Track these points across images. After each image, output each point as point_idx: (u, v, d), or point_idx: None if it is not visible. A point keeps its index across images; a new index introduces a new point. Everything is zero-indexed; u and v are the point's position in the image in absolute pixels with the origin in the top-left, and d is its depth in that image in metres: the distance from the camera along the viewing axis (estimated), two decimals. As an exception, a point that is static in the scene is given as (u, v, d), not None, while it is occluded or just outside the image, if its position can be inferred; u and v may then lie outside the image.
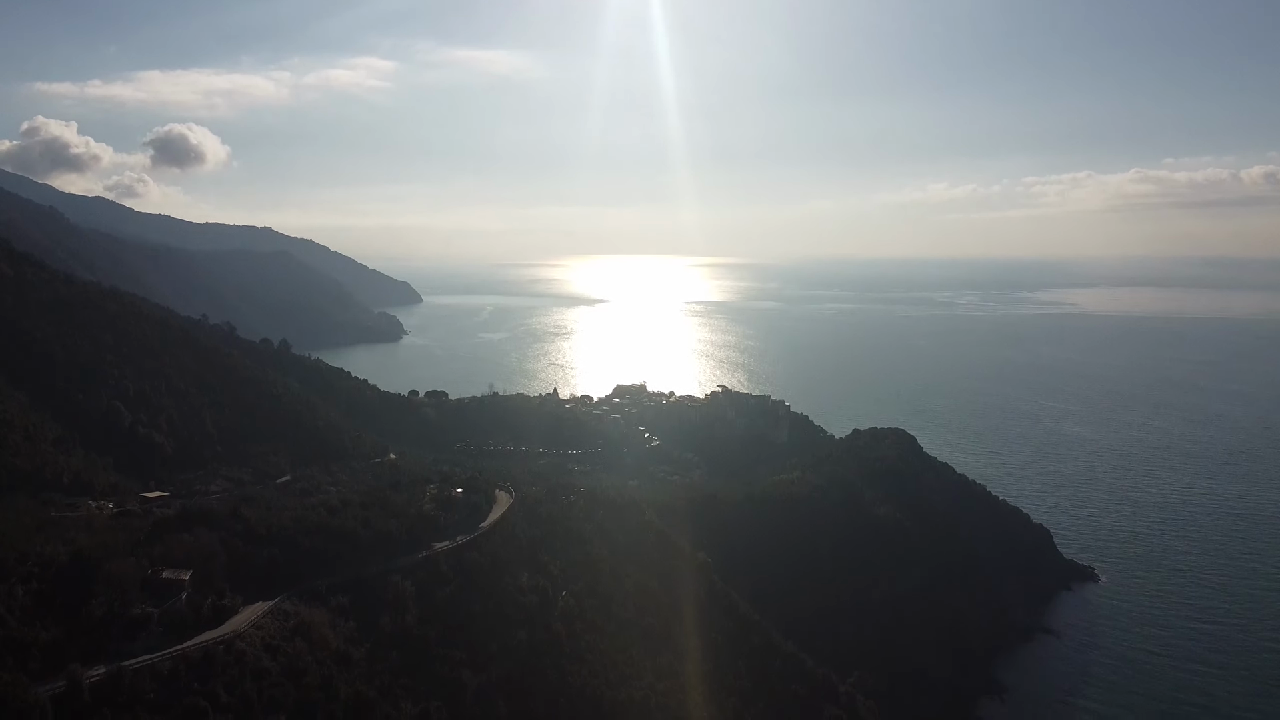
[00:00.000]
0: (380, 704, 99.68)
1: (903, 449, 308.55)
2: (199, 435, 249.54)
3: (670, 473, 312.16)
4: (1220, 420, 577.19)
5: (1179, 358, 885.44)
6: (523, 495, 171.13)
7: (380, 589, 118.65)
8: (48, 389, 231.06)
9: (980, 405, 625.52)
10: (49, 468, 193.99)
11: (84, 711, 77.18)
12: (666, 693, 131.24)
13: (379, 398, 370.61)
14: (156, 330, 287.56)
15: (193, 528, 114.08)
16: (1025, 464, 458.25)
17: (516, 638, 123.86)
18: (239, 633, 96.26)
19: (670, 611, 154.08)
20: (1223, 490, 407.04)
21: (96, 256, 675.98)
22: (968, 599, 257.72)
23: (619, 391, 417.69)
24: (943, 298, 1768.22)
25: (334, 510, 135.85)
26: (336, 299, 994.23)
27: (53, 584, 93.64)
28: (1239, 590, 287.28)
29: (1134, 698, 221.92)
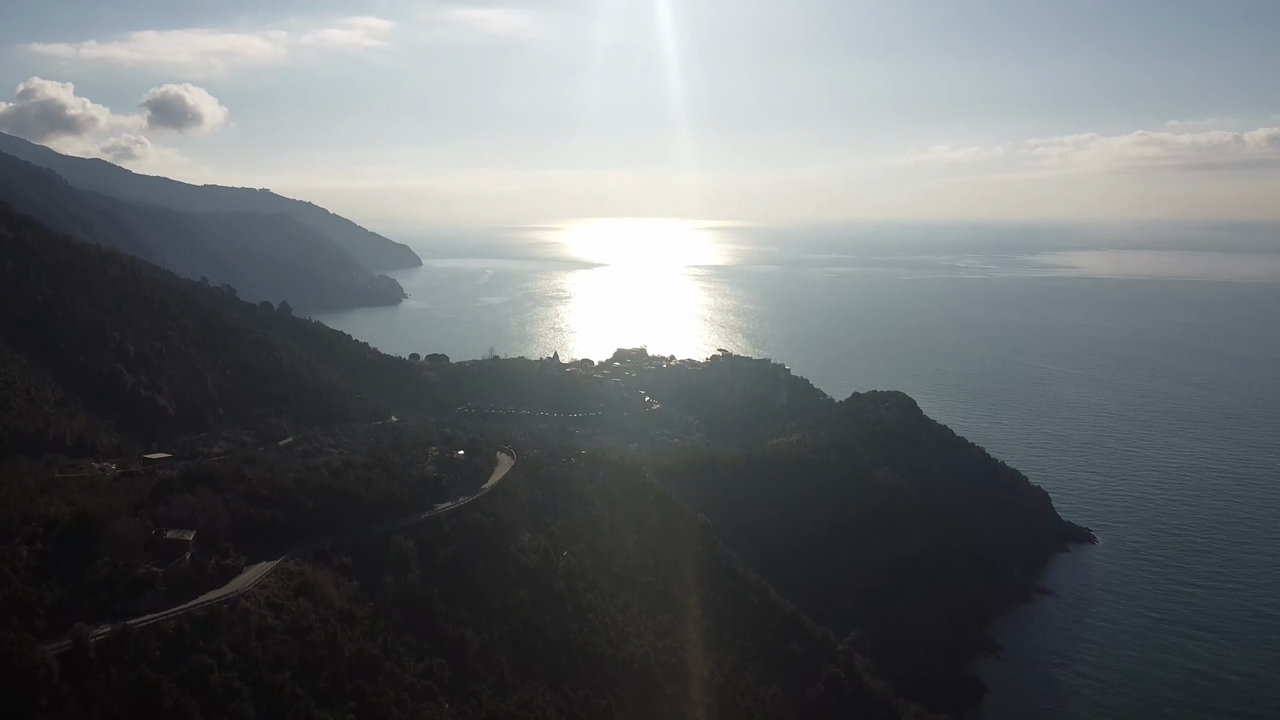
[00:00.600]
0: (384, 661, 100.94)
1: (902, 412, 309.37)
2: (201, 397, 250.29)
3: (670, 436, 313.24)
4: (1220, 384, 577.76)
5: (1180, 321, 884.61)
6: (524, 457, 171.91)
7: (383, 549, 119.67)
8: (49, 351, 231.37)
9: (980, 368, 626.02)
10: (51, 429, 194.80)
11: (90, 669, 78.09)
12: (666, 650, 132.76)
13: (380, 360, 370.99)
14: (157, 293, 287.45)
15: (196, 489, 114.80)
16: (1024, 427, 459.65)
17: (518, 597, 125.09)
18: (243, 592, 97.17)
19: (670, 571, 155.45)
20: (1221, 454, 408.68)
21: (95, 219, 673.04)
22: (965, 560, 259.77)
23: (619, 355, 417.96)
24: (944, 261, 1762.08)
25: (336, 472, 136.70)
26: (336, 262, 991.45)
27: (57, 544, 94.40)
28: (1234, 554, 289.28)
29: (1128, 659, 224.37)
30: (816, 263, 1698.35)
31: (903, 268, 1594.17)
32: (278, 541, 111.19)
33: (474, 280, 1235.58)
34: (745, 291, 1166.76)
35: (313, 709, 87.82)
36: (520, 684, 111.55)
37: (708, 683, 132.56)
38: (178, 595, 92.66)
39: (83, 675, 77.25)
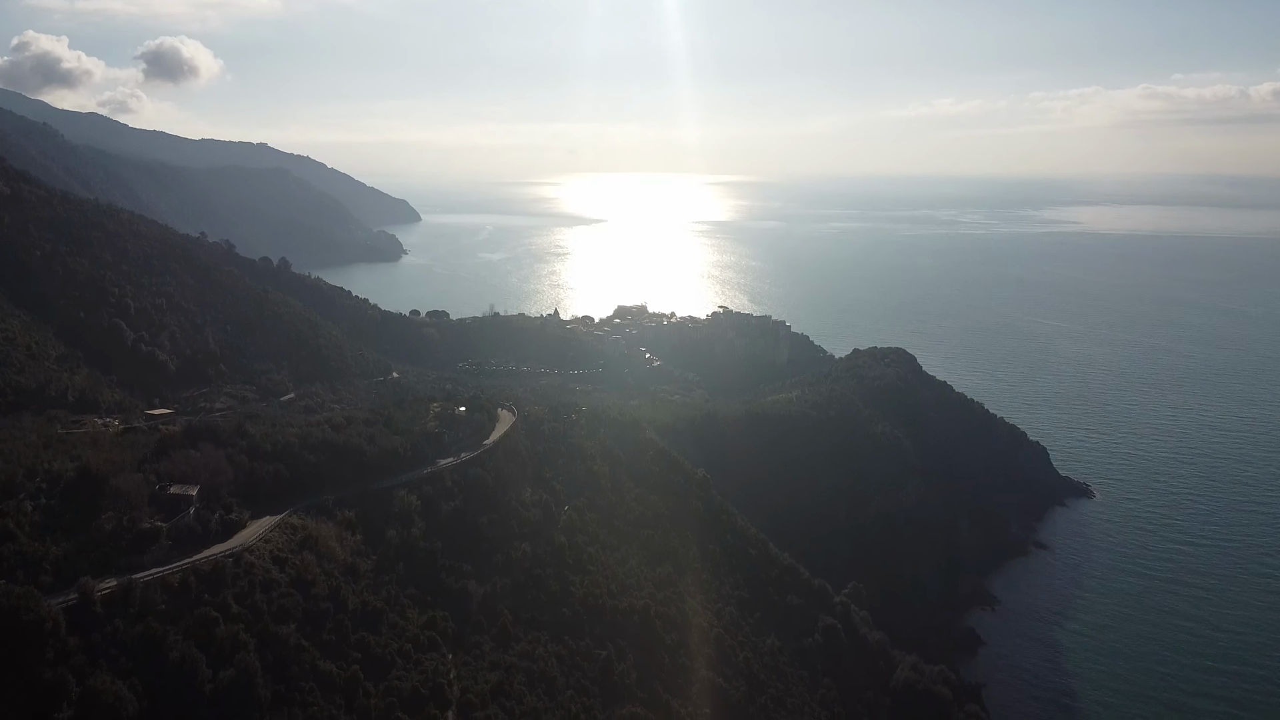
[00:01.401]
0: (388, 613, 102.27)
1: (902, 368, 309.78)
2: (202, 353, 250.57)
3: (671, 392, 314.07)
4: (1221, 340, 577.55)
5: (1182, 277, 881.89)
6: (525, 414, 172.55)
7: (386, 503, 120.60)
8: (49, 307, 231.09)
9: (981, 324, 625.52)
10: (53, 385, 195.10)
11: (96, 623, 79.02)
12: (666, 602, 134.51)
13: (380, 317, 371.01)
14: (156, 248, 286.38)
15: (198, 444, 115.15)
16: (1024, 382, 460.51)
17: (520, 550, 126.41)
18: (247, 546, 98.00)
19: (670, 525, 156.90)
20: (1221, 410, 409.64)
21: (92, 173, 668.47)
22: (962, 514, 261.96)
23: (620, 312, 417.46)
24: (946, 216, 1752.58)
25: (338, 427, 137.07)
26: (335, 217, 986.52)
27: (61, 500, 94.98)
28: (1231, 510, 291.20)
29: (1123, 613, 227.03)
30: (818, 218, 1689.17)
31: (905, 223, 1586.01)
32: (280, 496, 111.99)
33: (473, 236, 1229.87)
34: (746, 248, 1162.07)
35: (317, 660, 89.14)
36: (522, 635, 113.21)
37: (706, 633, 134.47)
38: (182, 549, 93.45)
39: (89, 628, 78.09)
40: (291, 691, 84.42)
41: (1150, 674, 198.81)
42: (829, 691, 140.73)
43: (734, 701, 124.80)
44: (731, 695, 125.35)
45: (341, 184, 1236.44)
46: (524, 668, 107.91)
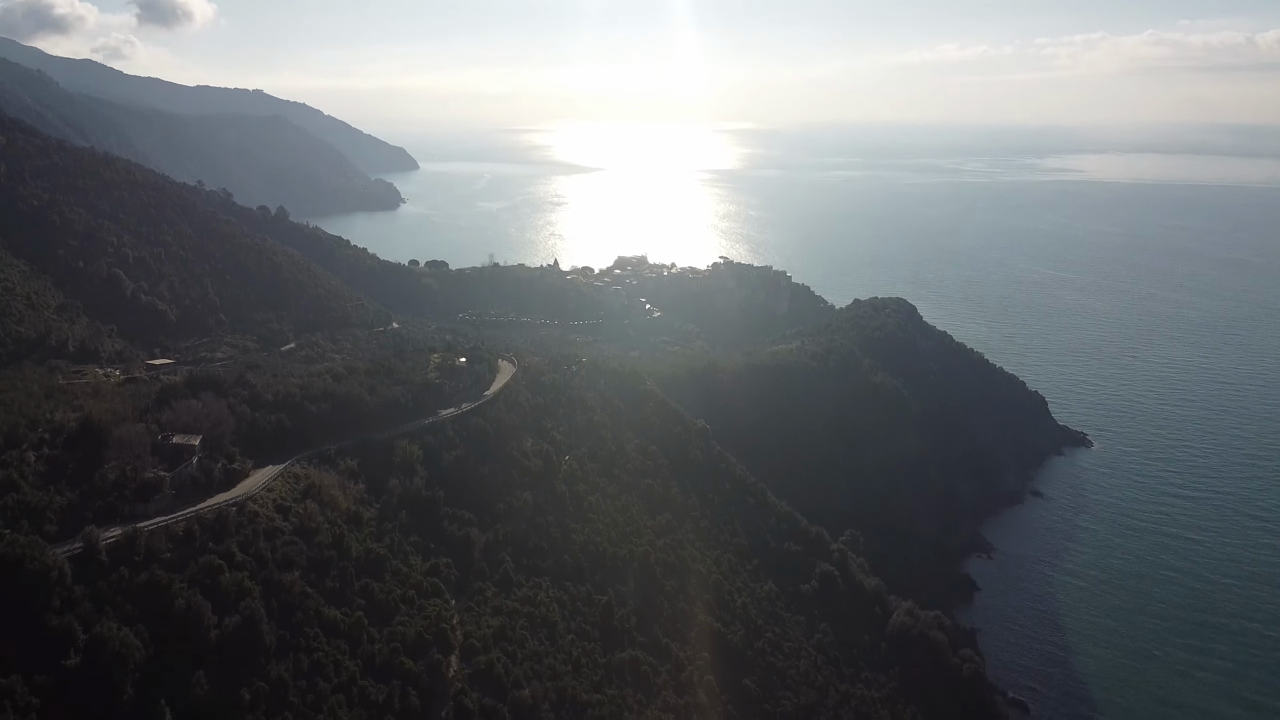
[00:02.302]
0: (391, 561, 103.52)
1: (902, 318, 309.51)
2: (201, 303, 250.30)
3: (671, 343, 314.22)
4: (1222, 289, 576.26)
5: (1184, 226, 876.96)
6: (525, 365, 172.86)
7: (388, 453, 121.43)
8: (47, 257, 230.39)
9: (982, 274, 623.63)
10: (54, 335, 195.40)
11: (101, 571, 79.92)
12: (665, 549, 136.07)
13: (379, 267, 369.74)
14: (153, 197, 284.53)
15: (200, 394, 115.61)
16: (1025, 332, 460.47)
17: (522, 498, 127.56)
18: (250, 495, 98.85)
19: (670, 474, 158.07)
20: (1220, 360, 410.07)
21: (88, 121, 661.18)
22: (960, 463, 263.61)
23: (620, 263, 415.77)
24: (950, 164, 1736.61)
25: (339, 377, 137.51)
26: (333, 165, 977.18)
27: (64, 450, 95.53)
28: (1227, 460, 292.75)
29: (1117, 561, 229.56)
30: (821, 166, 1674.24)
31: (908, 171, 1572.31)
32: (283, 446, 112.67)
33: (472, 185, 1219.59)
34: (748, 197, 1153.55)
35: (322, 607, 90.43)
36: (524, 581, 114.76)
37: (705, 579, 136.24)
38: (186, 499, 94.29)
39: (95, 577, 79.05)
40: (296, 637, 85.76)
41: (1142, 623, 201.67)
42: (825, 636, 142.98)
43: (732, 645, 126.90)
44: (729, 639, 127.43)
45: (338, 132, 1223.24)
46: (526, 613, 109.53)
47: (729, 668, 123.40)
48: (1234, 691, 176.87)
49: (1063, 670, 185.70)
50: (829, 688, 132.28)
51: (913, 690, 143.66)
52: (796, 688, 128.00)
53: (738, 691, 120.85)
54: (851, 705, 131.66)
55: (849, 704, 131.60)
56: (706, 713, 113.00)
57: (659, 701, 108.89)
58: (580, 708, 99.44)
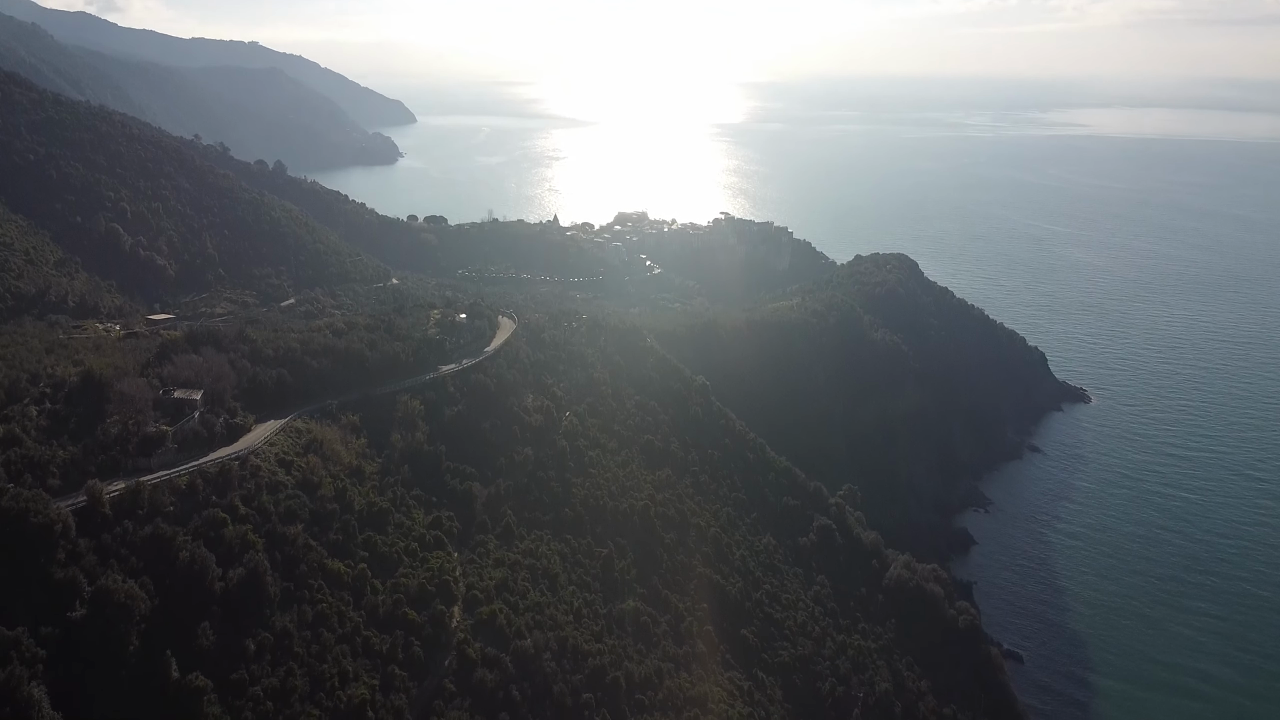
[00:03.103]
0: (393, 514, 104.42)
1: (903, 274, 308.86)
2: (200, 258, 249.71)
3: (671, 300, 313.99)
4: (1224, 245, 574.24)
5: (1188, 181, 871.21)
6: (526, 321, 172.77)
7: (389, 408, 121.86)
8: (45, 212, 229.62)
9: (984, 230, 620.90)
10: (53, 290, 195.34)
11: (105, 524, 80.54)
12: (665, 503, 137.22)
13: (378, 222, 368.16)
14: (150, 151, 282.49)
15: (200, 349, 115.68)
16: (1026, 288, 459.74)
17: (523, 454, 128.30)
18: (253, 449, 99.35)
19: (670, 430, 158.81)
20: (1221, 317, 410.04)
21: (83, 75, 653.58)
22: (959, 418, 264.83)
23: (620, 219, 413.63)
24: (953, 118, 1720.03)
25: (339, 333, 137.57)
26: (330, 119, 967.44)
27: (66, 404, 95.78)
28: (1225, 419, 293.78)
29: (1112, 517, 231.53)
30: (824, 120, 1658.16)
31: (911, 125, 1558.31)
32: (284, 401, 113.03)
33: (470, 138, 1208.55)
34: (748, 150, 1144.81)
35: (325, 559, 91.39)
36: (526, 534, 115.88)
37: (704, 532, 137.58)
38: (188, 453, 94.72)
39: (99, 530, 79.49)
40: (300, 589, 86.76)
41: (1136, 579, 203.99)
42: (822, 588, 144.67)
43: (730, 597, 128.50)
44: (728, 591, 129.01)
45: (335, 85, 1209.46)
46: (527, 565, 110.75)
47: (727, 618, 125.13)
48: (1225, 649, 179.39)
49: (1057, 623, 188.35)
50: (826, 638, 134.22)
51: (909, 641, 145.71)
52: (794, 638, 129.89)
53: (736, 642, 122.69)
54: (848, 655, 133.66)
55: (845, 654, 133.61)
56: (706, 662, 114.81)
57: (659, 651, 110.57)
58: (581, 657, 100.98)
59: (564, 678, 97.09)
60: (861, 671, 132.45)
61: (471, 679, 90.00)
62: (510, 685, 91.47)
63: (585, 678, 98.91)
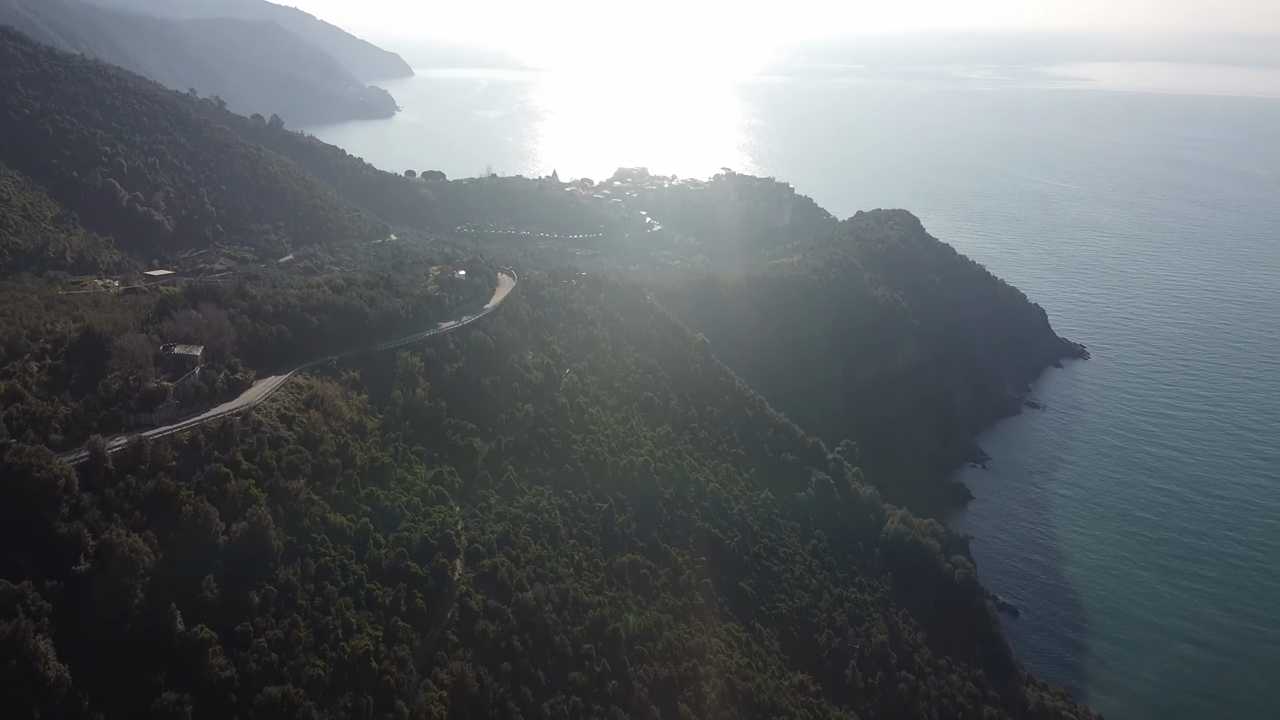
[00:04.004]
0: (395, 469, 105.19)
1: (905, 230, 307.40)
2: (198, 213, 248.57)
3: (671, 257, 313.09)
4: (1228, 203, 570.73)
5: (1194, 137, 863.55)
6: (525, 278, 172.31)
7: (389, 364, 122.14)
8: (41, 167, 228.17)
9: (988, 185, 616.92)
10: (51, 246, 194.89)
11: (109, 479, 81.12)
12: (664, 459, 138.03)
13: (376, 177, 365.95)
14: (146, 105, 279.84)
15: (200, 305, 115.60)
16: (1028, 245, 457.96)
17: (524, 410, 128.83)
18: (254, 405, 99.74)
19: (669, 387, 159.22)
20: (1222, 275, 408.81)
21: (77, 27, 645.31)
22: (958, 374, 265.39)
23: (620, 174, 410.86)
24: (958, 72, 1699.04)
25: (339, 289, 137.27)
26: (326, 72, 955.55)
27: (66, 360, 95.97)
28: (1223, 375, 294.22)
29: (1107, 473, 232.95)
30: (826, 73, 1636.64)
31: (915, 79, 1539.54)
32: (284, 357, 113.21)
33: (468, 91, 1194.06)
34: (750, 104, 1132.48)
35: (328, 513, 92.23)
36: (527, 489, 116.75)
37: (703, 488, 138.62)
38: (190, 408, 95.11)
39: (102, 485, 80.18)
40: (303, 543, 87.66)
41: (1130, 535, 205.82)
42: (820, 542, 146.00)
43: (728, 550, 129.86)
44: (726, 544, 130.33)
45: (331, 37, 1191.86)
46: (529, 519, 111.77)
47: (726, 571, 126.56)
48: (1216, 608, 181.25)
49: (1052, 577, 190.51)
50: (823, 591, 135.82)
51: (905, 594, 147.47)
52: (791, 591, 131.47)
53: (734, 594, 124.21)
54: (845, 608, 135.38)
55: (842, 606, 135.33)
56: (704, 613, 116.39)
57: (658, 603, 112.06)
58: (582, 608, 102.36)
59: (565, 629, 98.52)
60: (858, 623, 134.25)
61: (474, 630, 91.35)
62: (512, 636, 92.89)
63: (586, 629, 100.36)
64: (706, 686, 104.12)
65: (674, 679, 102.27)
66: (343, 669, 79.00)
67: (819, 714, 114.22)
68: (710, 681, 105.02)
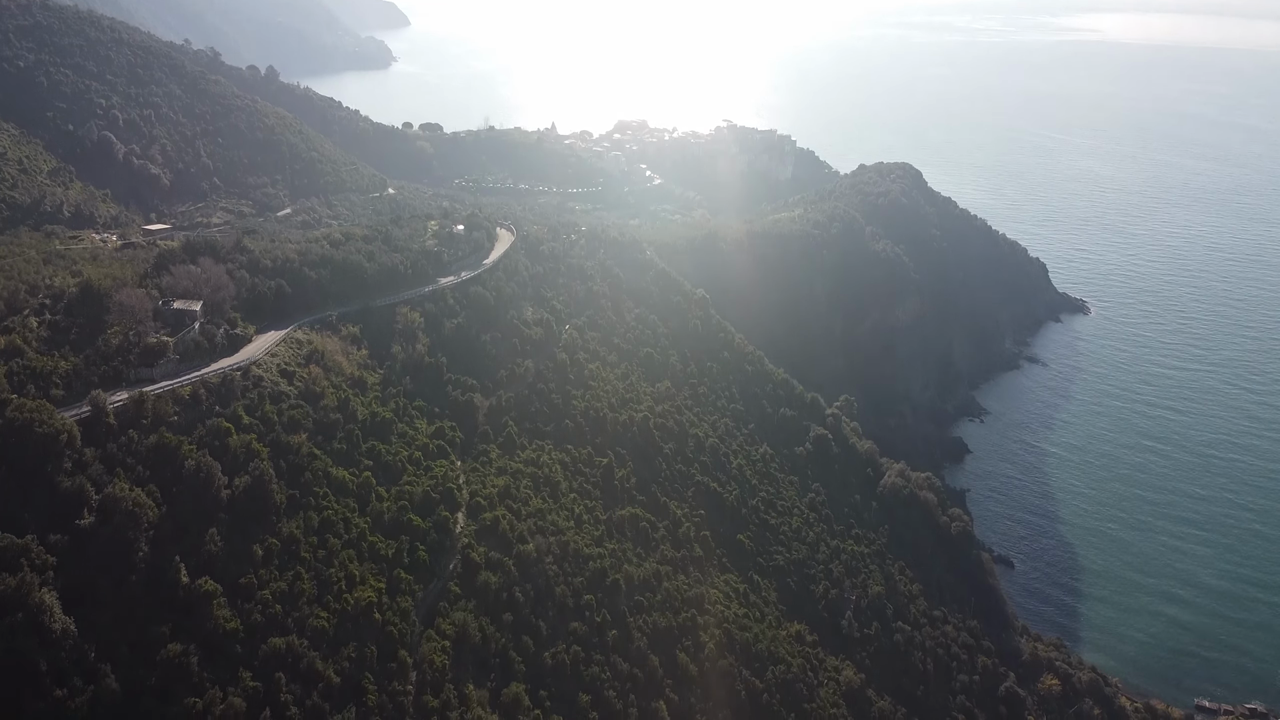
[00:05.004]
0: (396, 424, 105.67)
1: (907, 184, 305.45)
2: (195, 166, 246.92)
3: (671, 211, 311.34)
4: (1231, 156, 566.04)
5: (1200, 90, 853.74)
6: (524, 233, 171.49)
7: (389, 319, 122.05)
8: (36, 120, 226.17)
9: (991, 138, 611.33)
10: (48, 200, 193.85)
11: (111, 434, 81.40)
12: (663, 414, 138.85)
13: (373, 130, 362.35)
14: (140, 57, 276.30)
15: (198, 259, 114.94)
16: (1030, 199, 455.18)
17: (523, 366, 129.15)
18: (254, 359, 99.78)
19: (669, 343, 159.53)
20: (1225, 230, 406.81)
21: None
22: (958, 329, 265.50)
23: (620, 127, 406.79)
24: (963, 22, 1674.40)
25: (337, 244, 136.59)
26: (321, 22, 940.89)
27: (65, 315, 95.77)
28: (1222, 331, 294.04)
29: (1104, 428, 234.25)
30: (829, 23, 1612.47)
31: (919, 29, 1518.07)
32: (283, 312, 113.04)
33: (466, 42, 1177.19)
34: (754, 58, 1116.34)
35: (330, 467, 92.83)
36: (527, 444, 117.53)
37: (702, 442, 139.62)
38: (190, 363, 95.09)
39: (104, 439, 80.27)
40: (306, 496, 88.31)
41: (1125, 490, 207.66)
42: (817, 495, 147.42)
43: (727, 503, 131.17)
44: (725, 498, 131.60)
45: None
46: (529, 473, 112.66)
47: (724, 524, 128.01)
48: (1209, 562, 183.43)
49: (1048, 530, 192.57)
50: (820, 543, 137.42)
51: (902, 546, 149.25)
52: (788, 543, 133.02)
53: (732, 546, 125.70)
54: (841, 560, 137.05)
55: (839, 558, 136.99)
56: (702, 565, 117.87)
57: (657, 555, 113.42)
58: (582, 560, 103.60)
59: (565, 580, 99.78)
60: (854, 575, 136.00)
61: (475, 581, 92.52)
62: (513, 587, 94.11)
63: (586, 580, 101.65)
64: (705, 636, 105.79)
65: (673, 629, 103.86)
66: (346, 620, 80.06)
67: (815, 663, 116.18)
68: (708, 631, 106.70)
